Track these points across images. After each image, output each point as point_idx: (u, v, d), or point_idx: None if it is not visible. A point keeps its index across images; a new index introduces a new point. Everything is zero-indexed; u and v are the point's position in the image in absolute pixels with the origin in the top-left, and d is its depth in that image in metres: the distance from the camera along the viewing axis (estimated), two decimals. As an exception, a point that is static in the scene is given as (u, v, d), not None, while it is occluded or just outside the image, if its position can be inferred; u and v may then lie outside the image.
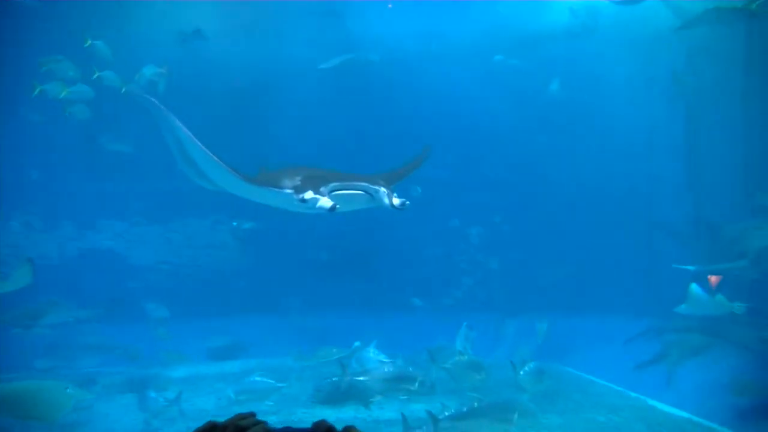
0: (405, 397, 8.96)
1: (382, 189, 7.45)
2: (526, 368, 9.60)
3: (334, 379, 9.83)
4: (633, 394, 11.41)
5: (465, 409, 7.75)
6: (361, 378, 8.50)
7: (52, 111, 12.94)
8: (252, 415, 1.50)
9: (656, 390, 11.33)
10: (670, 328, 12.42)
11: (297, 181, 7.66)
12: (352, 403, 9.88)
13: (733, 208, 12.61)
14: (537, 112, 16.53)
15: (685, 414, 10.25)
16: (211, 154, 7.33)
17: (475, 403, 7.82)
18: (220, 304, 15.13)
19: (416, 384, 8.52)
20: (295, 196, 7.55)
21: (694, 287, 10.68)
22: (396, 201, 7.38)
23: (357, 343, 11.19)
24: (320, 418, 1.50)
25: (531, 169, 16.72)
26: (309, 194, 7.47)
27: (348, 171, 7.83)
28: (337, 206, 7.37)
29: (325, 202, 7.39)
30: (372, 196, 7.45)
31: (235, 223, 16.65)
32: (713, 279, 11.32)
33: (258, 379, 10.16)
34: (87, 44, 11.73)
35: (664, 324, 12.55)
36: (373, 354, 10.13)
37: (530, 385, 9.52)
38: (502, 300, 15.56)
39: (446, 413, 7.57)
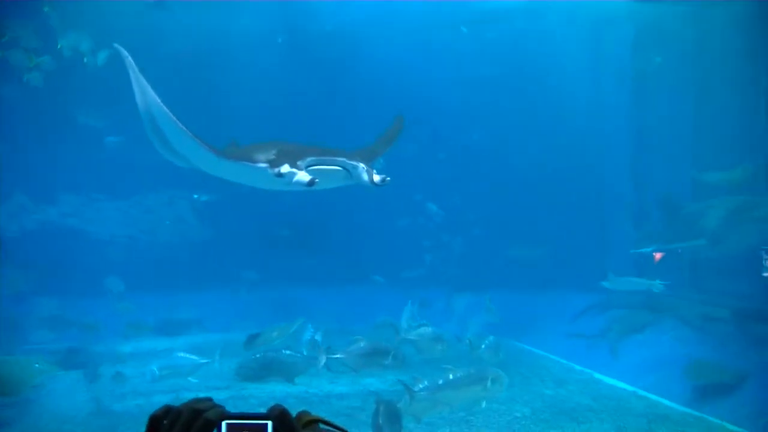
0: (378, 371, 8.98)
1: (361, 165, 7.24)
2: (486, 342, 9.78)
3: (257, 355, 9.86)
4: (579, 368, 11.69)
5: (441, 381, 7.87)
6: (338, 355, 8.51)
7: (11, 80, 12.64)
8: (209, 399, 1.49)
9: (603, 364, 11.62)
10: (615, 304, 12.76)
11: (271, 155, 7.35)
12: (276, 379, 9.94)
13: (684, 187, 12.94)
14: (493, 90, 16.63)
15: (629, 387, 10.53)
16: (181, 125, 6.99)
17: (450, 375, 7.95)
18: (179, 277, 15.07)
19: (389, 358, 8.54)
20: (270, 171, 7.24)
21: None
22: (376, 177, 7.21)
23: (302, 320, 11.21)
24: (275, 404, 1.47)
25: (487, 147, 16.88)
26: (285, 168, 7.20)
27: (311, 145, 7.57)
28: (317, 180, 7.15)
29: (303, 176, 7.16)
30: (350, 172, 7.25)
31: (196, 196, 16.51)
32: (657, 256, 11.68)
33: (182, 355, 10.12)
34: (46, 9, 11.55)
35: (611, 299, 12.89)
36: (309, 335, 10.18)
37: (489, 357, 9.69)
38: (457, 275, 15.75)
39: (420, 385, 7.66)
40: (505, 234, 15.97)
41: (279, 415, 1.43)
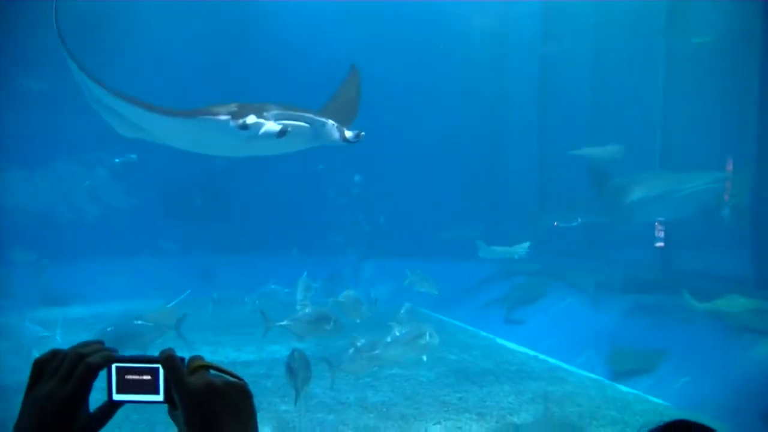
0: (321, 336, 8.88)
1: (330, 122, 6.72)
2: (402, 309, 9.87)
3: (108, 329, 9.63)
4: (483, 334, 12.01)
5: (389, 339, 7.93)
6: (284, 322, 8.35)
7: None
8: (98, 342, 1.44)
9: (506, 330, 11.97)
10: (517, 271, 13.14)
11: (231, 108, 6.73)
12: (130, 349, 9.77)
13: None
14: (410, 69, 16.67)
15: (530, 352, 10.90)
16: (112, 92, 6.46)
17: (397, 332, 8.00)
18: (89, 246, 14.55)
19: (332, 323, 8.47)
20: (233, 123, 6.61)
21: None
22: (348, 134, 6.70)
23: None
24: (167, 347, 1.45)
25: (405, 122, 16.90)
26: (251, 119, 6.59)
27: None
28: (289, 129, 6.56)
29: (272, 126, 6.58)
30: (317, 130, 6.69)
31: (117, 160, 15.79)
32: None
33: (28, 325, 9.78)
34: None
35: (512, 267, 13.26)
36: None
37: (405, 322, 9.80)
38: (364, 244, 15.82)
39: (358, 344, 7.69)
40: (412, 204, 16.10)
41: (167, 359, 1.40)
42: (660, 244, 11.35)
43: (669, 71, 11.92)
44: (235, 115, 6.63)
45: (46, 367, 1.39)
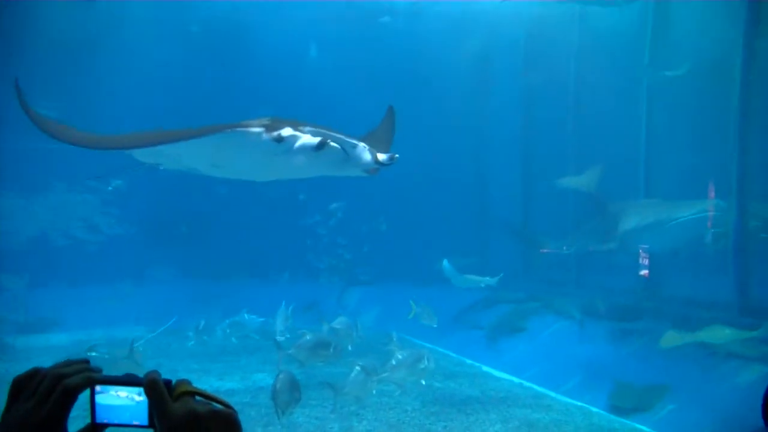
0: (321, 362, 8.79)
1: (361, 144, 6.37)
2: (394, 337, 9.85)
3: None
4: (469, 362, 11.94)
5: (393, 362, 8.18)
6: (290, 351, 8.38)
7: None
8: (83, 362, 1.38)
9: (492, 358, 11.91)
10: (501, 299, 13.13)
11: (264, 122, 6.30)
12: None
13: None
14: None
15: (515, 379, 10.85)
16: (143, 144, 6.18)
17: (399, 356, 8.25)
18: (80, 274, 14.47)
19: (331, 349, 8.55)
20: (266, 135, 6.17)
21: (445, 264, 11.47)
22: (381, 156, 6.36)
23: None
24: (152, 370, 1.39)
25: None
26: (288, 131, 6.19)
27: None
28: (328, 141, 6.14)
29: (309, 138, 6.20)
30: (347, 152, 6.28)
31: (110, 188, 15.65)
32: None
33: None
34: None
35: (497, 295, 13.26)
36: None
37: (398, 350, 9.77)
38: (348, 270, 15.75)
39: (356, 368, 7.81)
40: (396, 230, 16.07)
41: (150, 383, 1.33)
42: (645, 272, 11.38)
43: (651, 102, 12.08)
44: (268, 128, 6.24)
45: (25, 386, 1.33)
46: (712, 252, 10.30)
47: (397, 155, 6.39)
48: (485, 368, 11.60)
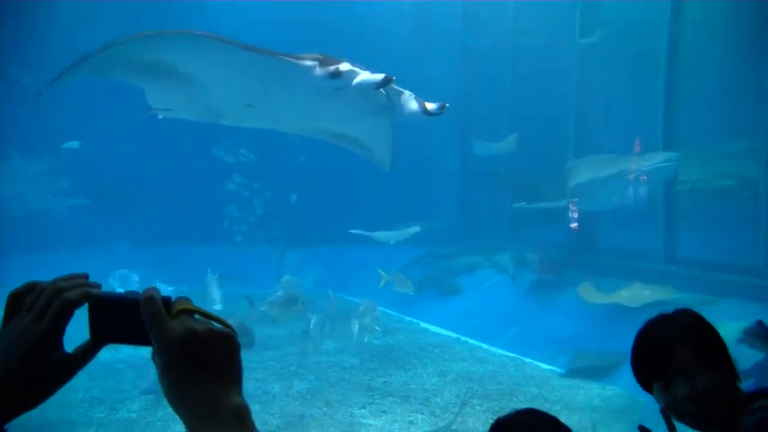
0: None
1: (407, 92, 5.90)
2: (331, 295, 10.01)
3: None
4: (407, 318, 12.15)
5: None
6: (264, 308, 8.74)
7: None
8: (82, 276, 1.31)
9: (431, 313, 12.11)
10: (443, 255, 13.33)
11: (316, 56, 5.75)
12: None
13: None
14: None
15: (453, 334, 11.09)
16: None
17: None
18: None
19: (300, 305, 8.85)
20: (320, 70, 5.64)
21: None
22: (430, 106, 5.82)
23: None
24: (150, 286, 1.29)
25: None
26: (346, 65, 5.65)
27: None
28: (394, 78, 5.55)
29: (368, 75, 5.63)
30: (391, 100, 5.79)
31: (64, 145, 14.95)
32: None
33: None
34: None
35: (436, 252, 13.46)
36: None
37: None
38: (285, 233, 15.65)
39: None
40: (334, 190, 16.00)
41: (147, 300, 1.26)
42: (575, 224, 11.65)
43: (583, 63, 12.31)
44: (322, 63, 5.70)
45: (22, 301, 1.29)
46: (644, 206, 10.59)
47: (447, 104, 5.86)
48: (424, 324, 11.82)
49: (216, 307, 9.59)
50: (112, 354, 9.92)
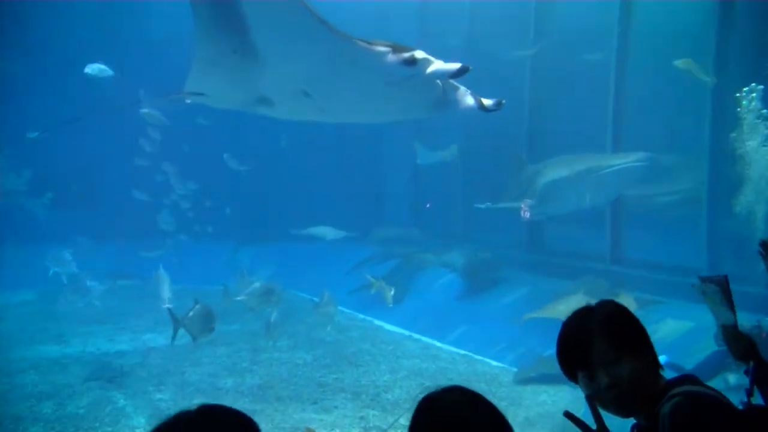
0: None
1: (463, 87, 5.77)
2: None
3: None
4: (361, 316, 12.21)
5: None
6: (240, 297, 8.95)
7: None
8: None
9: (382, 312, 12.17)
10: (395, 254, 13.44)
11: (386, 42, 5.55)
12: None
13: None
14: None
15: (406, 332, 11.22)
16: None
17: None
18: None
19: (275, 296, 9.09)
20: (393, 56, 5.41)
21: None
22: (486, 102, 5.74)
23: None
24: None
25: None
26: (421, 53, 5.44)
27: None
28: (470, 67, 5.36)
29: (442, 64, 5.44)
30: (446, 94, 5.65)
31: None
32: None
33: None
34: None
35: (390, 250, 13.58)
36: None
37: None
38: (236, 230, 15.49)
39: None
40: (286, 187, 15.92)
41: None
42: (526, 214, 11.54)
43: (534, 71, 12.57)
44: (395, 49, 5.48)
45: None
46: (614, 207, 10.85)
47: (504, 101, 5.74)
48: (377, 322, 11.90)
49: (165, 306, 9.59)
50: (60, 349, 9.84)
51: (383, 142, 16.36)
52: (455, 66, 5.40)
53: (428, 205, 12.59)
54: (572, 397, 7.90)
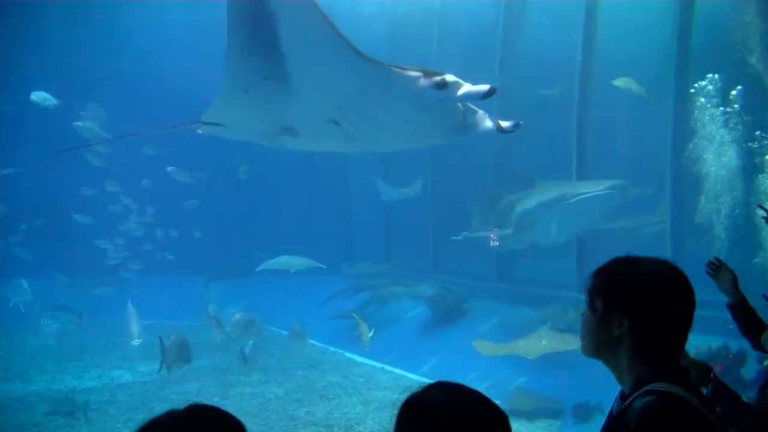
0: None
1: (480, 111, 5.86)
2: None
3: None
4: (332, 349, 12.17)
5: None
6: (227, 329, 9.38)
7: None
8: None
9: (355, 345, 12.13)
10: (365, 287, 13.44)
11: (415, 68, 5.66)
12: None
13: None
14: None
15: (378, 364, 11.19)
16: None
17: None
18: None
19: (257, 327, 9.38)
20: (425, 81, 5.49)
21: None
22: (504, 124, 5.72)
23: None
24: None
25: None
26: (451, 77, 5.49)
27: None
28: (497, 88, 5.49)
29: (470, 87, 5.49)
30: (465, 116, 5.74)
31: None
32: None
33: None
34: None
35: (362, 282, 13.58)
36: None
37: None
38: (206, 264, 15.39)
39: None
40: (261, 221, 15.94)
41: None
42: (494, 240, 11.55)
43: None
44: (426, 74, 5.57)
45: None
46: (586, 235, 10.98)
47: (521, 122, 5.73)
48: (348, 355, 11.86)
49: (134, 342, 9.63)
50: (25, 387, 9.66)
51: (352, 174, 16.47)
52: (484, 87, 5.48)
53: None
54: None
